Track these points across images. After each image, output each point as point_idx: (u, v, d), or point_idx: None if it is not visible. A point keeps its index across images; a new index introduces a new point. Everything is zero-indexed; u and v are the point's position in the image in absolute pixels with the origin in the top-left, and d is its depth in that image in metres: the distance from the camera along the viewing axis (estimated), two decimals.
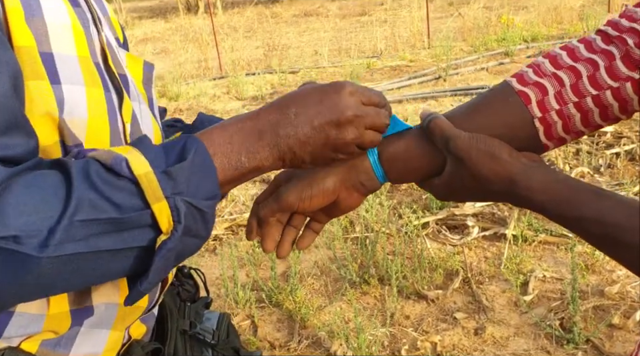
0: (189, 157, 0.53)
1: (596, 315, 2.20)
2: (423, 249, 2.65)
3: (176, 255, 0.53)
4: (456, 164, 0.63)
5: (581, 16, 8.25)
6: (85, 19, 0.62)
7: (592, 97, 0.62)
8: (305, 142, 0.60)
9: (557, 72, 0.64)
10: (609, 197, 0.57)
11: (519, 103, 0.64)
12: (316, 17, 12.57)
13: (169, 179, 0.51)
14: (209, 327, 0.87)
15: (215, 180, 0.55)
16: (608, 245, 0.57)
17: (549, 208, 0.59)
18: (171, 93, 7.02)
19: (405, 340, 2.22)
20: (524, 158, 0.62)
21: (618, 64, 0.61)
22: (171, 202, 0.50)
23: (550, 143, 0.65)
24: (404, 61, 7.46)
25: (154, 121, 0.73)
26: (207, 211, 0.54)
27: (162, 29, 13.31)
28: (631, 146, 3.56)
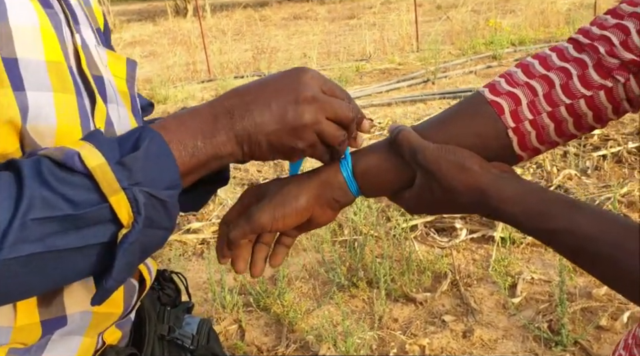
0: (143, 145, 0.50)
1: (584, 317, 2.20)
2: (411, 252, 2.64)
3: (140, 248, 0.51)
4: (425, 176, 0.61)
5: (568, 20, 8.32)
6: (57, 20, 0.60)
7: (566, 106, 0.61)
8: (261, 123, 0.57)
9: (530, 81, 0.63)
10: (582, 208, 0.55)
11: (491, 113, 0.63)
12: (305, 20, 12.58)
13: (124, 169, 0.48)
14: (189, 332, 0.84)
15: (174, 168, 0.53)
16: (582, 258, 0.55)
17: (521, 220, 0.57)
18: (159, 96, 6.98)
19: (393, 343, 2.21)
20: (494, 168, 0.60)
21: (591, 72, 0.60)
22: (128, 193, 0.48)
23: (524, 154, 0.64)
24: (393, 64, 7.47)
25: (133, 123, 0.70)
26: (168, 201, 0.51)
27: (150, 32, 13.24)
28: (618, 148, 3.58)
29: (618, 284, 0.54)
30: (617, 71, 0.59)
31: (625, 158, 3.49)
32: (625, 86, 0.59)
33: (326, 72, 7.34)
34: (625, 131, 3.94)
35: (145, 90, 7.48)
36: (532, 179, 3.40)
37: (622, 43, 0.58)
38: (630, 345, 0.73)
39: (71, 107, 0.58)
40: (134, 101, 0.72)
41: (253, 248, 0.69)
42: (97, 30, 0.73)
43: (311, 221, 0.68)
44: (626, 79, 0.59)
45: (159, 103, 6.96)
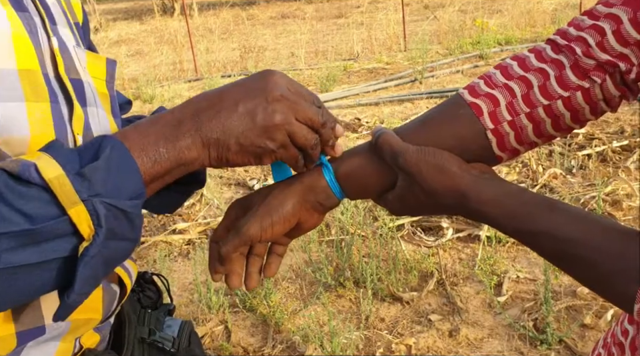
0: (104, 155, 0.49)
1: (568, 315, 2.22)
2: (398, 251, 2.64)
3: (103, 261, 0.49)
4: (406, 179, 0.62)
5: (554, 19, 8.39)
6: (33, 24, 0.58)
7: (543, 107, 0.61)
8: (229, 125, 0.56)
9: (508, 82, 0.63)
10: (563, 210, 0.55)
11: (470, 114, 0.63)
12: (292, 19, 12.56)
13: (83, 180, 0.47)
14: (170, 334, 0.83)
15: (136, 176, 0.51)
16: (561, 260, 0.55)
17: (501, 222, 0.57)
18: (145, 95, 6.93)
19: (380, 343, 2.21)
20: (474, 170, 0.60)
21: (568, 73, 0.60)
22: (88, 205, 0.46)
23: (503, 155, 0.64)
24: (380, 64, 7.49)
25: (112, 126, 0.69)
26: (131, 211, 0.49)
27: (137, 31, 13.15)
28: (602, 147, 3.61)
29: (596, 286, 0.54)
30: (594, 72, 0.59)
31: (609, 157, 3.52)
32: (602, 86, 0.59)
33: (314, 71, 7.34)
34: (609, 130, 3.97)
35: (130, 89, 7.43)
36: (518, 177, 3.42)
37: (598, 44, 0.58)
38: (609, 344, 0.74)
39: (45, 116, 0.56)
40: (113, 101, 0.71)
41: (246, 261, 0.68)
42: (76, 24, 0.72)
43: (299, 227, 0.67)
44: (602, 80, 0.59)
45: (145, 102, 6.91)
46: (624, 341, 0.68)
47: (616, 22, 0.57)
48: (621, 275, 0.50)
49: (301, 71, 7.54)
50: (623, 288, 0.50)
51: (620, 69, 0.58)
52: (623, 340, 0.69)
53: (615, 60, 0.58)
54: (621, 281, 0.50)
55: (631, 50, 0.57)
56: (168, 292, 0.95)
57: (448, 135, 0.63)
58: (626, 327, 0.68)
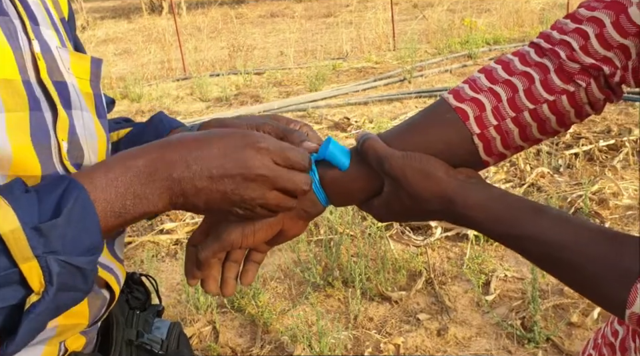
0: (66, 208, 0.47)
1: (556, 314, 2.23)
2: (386, 251, 2.64)
3: (51, 312, 0.48)
4: (392, 184, 0.61)
5: (542, 19, 8.44)
6: (12, 29, 0.57)
7: (529, 111, 0.61)
8: (200, 190, 0.55)
9: (493, 86, 0.62)
10: (548, 214, 0.55)
11: (456, 119, 0.62)
12: (281, 18, 12.53)
13: (40, 236, 0.45)
14: (158, 336, 0.82)
15: (96, 232, 0.50)
16: (548, 264, 0.55)
17: (487, 226, 0.57)
18: (133, 95, 6.88)
19: (368, 342, 2.21)
20: (461, 175, 0.60)
21: (553, 77, 0.60)
22: (42, 261, 0.45)
23: (490, 159, 0.64)
24: (369, 63, 7.49)
25: (98, 127, 0.68)
26: (86, 268, 0.49)
27: (124, 30, 13.05)
28: (589, 146, 3.64)
29: (582, 289, 0.54)
30: (578, 76, 0.59)
31: (596, 156, 3.54)
32: (587, 90, 0.59)
33: (303, 70, 7.33)
34: (596, 129, 4.00)
35: (118, 88, 7.37)
36: (506, 176, 3.43)
37: (582, 48, 0.58)
38: (599, 345, 0.74)
39: (23, 125, 0.55)
40: (98, 100, 0.70)
41: (223, 267, 0.67)
42: (62, 20, 0.71)
43: (281, 234, 0.67)
44: (587, 84, 0.59)
45: (133, 101, 6.86)
46: (614, 342, 0.69)
47: (599, 25, 0.57)
48: (607, 278, 0.50)
49: (289, 70, 7.52)
50: (609, 291, 0.50)
51: (604, 73, 0.58)
52: (614, 340, 0.69)
53: (598, 63, 0.58)
54: (607, 284, 0.50)
55: (614, 53, 0.57)
56: (157, 293, 0.94)
57: (435, 140, 0.63)
58: (616, 328, 0.69)
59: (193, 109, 6.31)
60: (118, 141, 0.84)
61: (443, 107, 0.64)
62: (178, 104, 6.60)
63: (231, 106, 6.25)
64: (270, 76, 7.32)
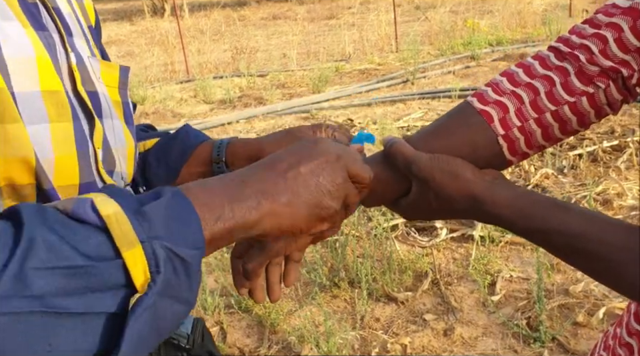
0: (165, 198, 0.44)
1: (561, 314, 2.24)
2: (392, 251, 2.66)
3: (154, 318, 0.41)
4: (421, 186, 0.64)
5: (544, 20, 8.45)
6: (52, 43, 0.60)
7: (551, 113, 0.63)
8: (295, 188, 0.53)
9: (515, 89, 0.65)
10: (570, 209, 0.59)
11: (481, 122, 0.65)
12: (284, 20, 12.56)
13: (143, 219, 0.41)
14: (184, 331, 0.84)
15: (197, 226, 0.45)
16: (573, 256, 0.58)
17: (514, 222, 0.60)
18: (136, 97, 6.90)
19: (375, 343, 2.22)
20: (487, 176, 0.63)
21: (573, 80, 0.63)
22: (147, 248, 0.40)
23: (514, 159, 0.66)
24: (372, 65, 7.51)
25: (127, 135, 0.70)
26: (192, 262, 0.43)
27: (127, 32, 13.10)
28: (593, 147, 3.65)
29: (606, 278, 0.58)
30: (598, 78, 0.62)
31: (600, 157, 3.56)
32: (606, 91, 0.62)
33: (306, 72, 7.35)
34: (599, 130, 4.01)
35: None
36: (510, 177, 3.44)
37: (601, 52, 0.61)
38: (611, 346, 0.74)
39: (68, 135, 0.57)
40: (126, 107, 0.72)
41: (266, 272, 0.67)
42: (90, 28, 0.73)
43: (319, 236, 0.67)
44: (606, 85, 0.62)
45: (136, 103, 6.88)
46: (634, 343, 0.69)
47: (617, 30, 0.60)
48: (629, 266, 0.53)
49: (292, 72, 7.54)
50: (634, 279, 0.53)
51: (622, 75, 0.61)
52: (633, 341, 0.70)
53: (617, 66, 0.60)
54: (632, 273, 0.53)
55: (631, 56, 0.60)
56: None
57: (460, 143, 0.65)
58: (636, 328, 0.70)
59: (197, 111, 6.33)
60: (145, 152, 0.87)
61: (467, 110, 0.67)
62: (182, 106, 6.63)
63: (234, 108, 6.27)
64: (273, 78, 7.34)
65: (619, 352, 0.71)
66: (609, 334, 0.78)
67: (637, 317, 0.70)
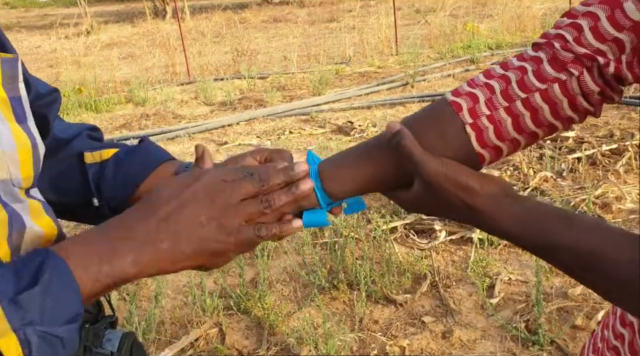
0: (43, 279, 0.47)
1: (560, 317, 2.24)
2: (391, 254, 2.66)
3: None
4: (424, 186, 0.62)
5: (543, 24, 8.47)
6: None
7: (521, 101, 0.62)
8: (177, 232, 0.55)
9: (489, 81, 0.64)
10: (580, 223, 0.56)
11: (450, 111, 0.64)
12: (285, 23, 12.59)
13: (17, 308, 0.44)
14: (108, 349, 0.79)
15: (76, 299, 0.49)
16: (582, 273, 0.56)
17: (520, 238, 0.59)
18: (137, 98, 6.91)
19: (374, 345, 2.23)
20: (494, 187, 0.61)
21: (545, 67, 0.61)
22: (20, 335, 0.44)
23: (484, 152, 0.64)
24: (372, 67, 7.52)
25: (18, 135, 0.62)
26: (67, 337, 0.47)
27: (128, 34, 13.12)
28: (592, 151, 3.66)
29: (617, 297, 0.56)
30: (571, 64, 0.60)
31: (599, 160, 3.56)
32: (579, 79, 0.60)
33: (306, 75, 7.36)
34: (599, 133, 4.02)
35: (122, 92, 7.41)
36: (509, 180, 3.45)
37: (575, 39, 0.60)
38: (600, 349, 0.74)
39: None
40: (16, 103, 0.64)
41: None
42: None
43: None
44: (580, 73, 0.59)
45: (137, 105, 6.89)
46: (619, 345, 0.69)
47: (593, 19, 0.59)
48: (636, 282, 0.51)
49: (293, 75, 7.56)
50: None
51: (598, 63, 0.59)
52: (619, 344, 0.69)
53: (592, 54, 0.59)
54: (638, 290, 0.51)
55: (608, 46, 0.58)
56: (109, 303, 0.90)
57: (432, 134, 0.64)
58: (620, 331, 0.69)
59: (198, 113, 6.34)
60: (102, 163, 0.82)
61: (439, 102, 0.66)
62: (182, 108, 6.64)
63: (235, 110, 6.28)
64: (274, 80, 7.36)
65: (606, 354, 0.71)
66: (596, 335, 0.77)
67: (622, 321, 0.69)
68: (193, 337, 2.35)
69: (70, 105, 6.66)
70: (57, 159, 0.75)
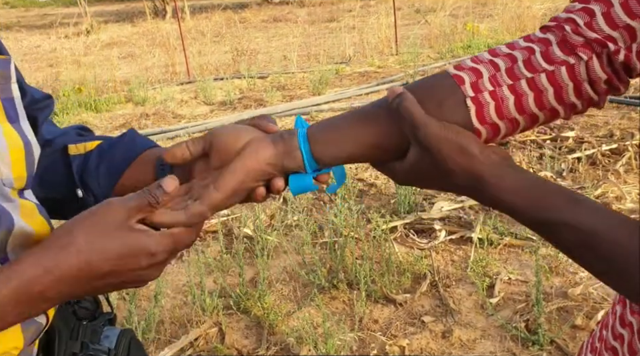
0: None
1: (560, 316, 2.24)
2: (391, 253, 2.66)
3: None
4: (421, 153, 0.60)
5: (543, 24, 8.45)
6: None
7: (526, 80, 0.60)
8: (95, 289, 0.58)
9: (494, 59, 0.63)
10: (584, 202, 0.55)
11: (451, 83, 0.62)
12: (285, 23, 12.59)
13: None
14: (106, 346, 0.79)
15: None
16: (582, 253, 0.55)
17: (520, 210, 0.56)
18: (137, 98, 6.91)
19: (374, 344, 2.22)
20: (495, 155, 0.58)
21: (554, 49, 0.60)
22: None
23: (482, 128, 0.62)
24: (372, 67, 7.52)
25: (10, 135, 0.62)
26: None
27: (128, 33, 13.12)
28: (592, 151, 3.66)
29: (615, 280, 0.54)
30: (581, 48, 0.59)
31: (599, 160, 3.56)
32: (588, 65, 0.58)
33: (306, 74, 7.36)
34: (599, 133, 4.02)
35: (122, 91, 7.41)
36: None
37: (586, 24, 0.58)
38: (598, 348, 0.73)
39: None
40: (8, 104, 0.64)
41: None
42: None
43: None
44: (589, 57, 0.58)
45: (137, 104, 6.89)
46: (618, 346, 0.68)
47: (606, 5, 0.57)
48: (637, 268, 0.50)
49: (293, 74, 7.56)
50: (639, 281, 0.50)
51: (608, 50, 0.57)
52: (617, 345, 0.68)
53: (603, 39, 0.57)
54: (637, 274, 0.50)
55: (619, 33, 0.57)
56: (107, 300, 0.91)
57: (431, 104, 0.61)
58: (620, 332, 0.68)
59: (197, 113, 6.34)
60: (86, 154, 0.81)
61: (441, 74, 0.64)
62: (182, 107, 6.63)
63: (235, 109, 6.28)
64: (273, 80, 7.36)
65: (604, 355, 0.71)
66: (595, 335, 0.77)
67: (622, 321, 0.68)
68: (192, 337, 2.35)
69: (70, 104, 6.66)
70: (43, 155, 0.73)
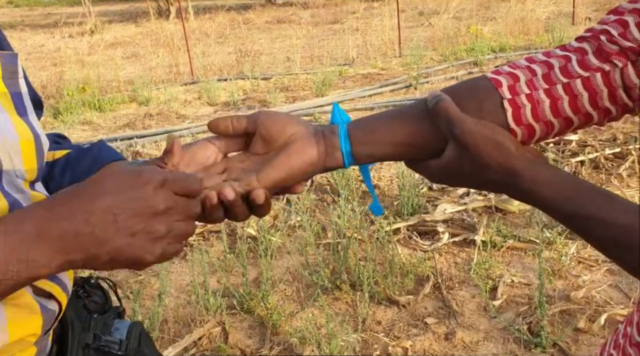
0: None
1: (562, 319, 2.25)
2: (394, 255, 2.67)
3: None
4: (458, 149, 0.62)
5: (547, 27, 8.47)
6: None
7: (562, 85, 0.63)
8: (105, 240, 0.52)
9: (531, 65, 0.65)
10: (618, 199, 0.57)
11: (489, 86, 0.65)
12: (288, 24, 12.61)
13: None
14: (117, 337, 0.81)
15: None
16: (613, 247, 0.56)
17: (554, 203, 0.58)
18: (141, 98, 6.93)
19: (377, 345, 2.23)
20: (529, 153, 0.61)
21: (590, 57, 0.62)
22: None
23: (518, 129, 0.64)
24: (376, 69, 7.53)
25: (20, 128, 0.63)
26: None
27: (132, 34, 13.15)
28: (595, 154, 3.66)
29: None
30: (616, 56, 0.61)
31: (602, 164, 3.56)
32: (622, 72, 0.61)
33: (309, 76, 7.37)
34: (602, 137, 4.03)
35: (126, 91, 7.43)
36: None
37: (621, 34, 0.61)
38: (621, 345, 0.74)
39: None
40: (17, 98, 0.65)
41: None
42: None
43: None
44: (624, 65, 0.60)
45: (141, 104, 6.91)
46: None
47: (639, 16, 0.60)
48: None
49: (296, 76, 7.57)
50: None
51: None
52: None
53: (638, 48, 0.59)
54: None
55: None
56: (116, 294, 0.93)
57: (468, 106, 0.64)
58: None
59: (201, 113, 6.36)
60: (53, 162, 0.81)
61: (479, 78, 0.67)
62: (186, 108, 6.65)
63: (238, 110, 6.30)
64: (277, 81, 7.37)
65: (629, 351, 0.71)
66: (619, 332, 0.78)
67: None
68: (196, 336, 2.36)
69: (73, 103, 6.68)
70: None
